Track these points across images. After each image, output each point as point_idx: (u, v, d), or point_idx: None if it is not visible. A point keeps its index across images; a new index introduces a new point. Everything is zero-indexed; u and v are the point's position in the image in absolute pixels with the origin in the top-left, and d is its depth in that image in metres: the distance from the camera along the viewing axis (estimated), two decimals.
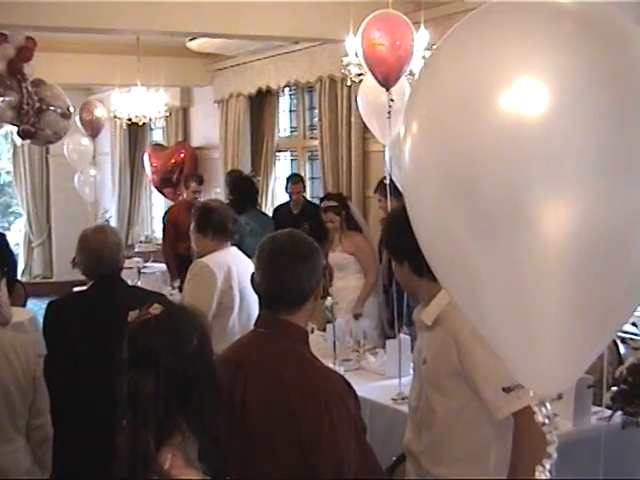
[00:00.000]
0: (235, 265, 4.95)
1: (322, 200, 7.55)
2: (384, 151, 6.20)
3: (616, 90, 1.36)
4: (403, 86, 5.41)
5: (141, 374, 2.13)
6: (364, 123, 6.27)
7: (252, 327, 4.74)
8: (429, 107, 1.50)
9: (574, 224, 1.36)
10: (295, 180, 9.12)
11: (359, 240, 7.19)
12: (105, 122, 10.84)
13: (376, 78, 5.24)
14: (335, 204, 7.23)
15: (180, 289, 6.47)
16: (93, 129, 10.98)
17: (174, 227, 9.43)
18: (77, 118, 10.94)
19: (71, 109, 8.83)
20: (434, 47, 5.10)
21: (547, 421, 1.48)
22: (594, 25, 1.40)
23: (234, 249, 5.12)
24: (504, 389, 2.76)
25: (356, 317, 6.92)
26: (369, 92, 5.81)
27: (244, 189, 8.63)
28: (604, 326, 1.50)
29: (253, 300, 4.87)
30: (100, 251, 4.00)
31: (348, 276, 7.13)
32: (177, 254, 9.13)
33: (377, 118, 5.81)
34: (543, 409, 1.49)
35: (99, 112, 10.60)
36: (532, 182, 1.36)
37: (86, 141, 11.19)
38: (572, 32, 1.37)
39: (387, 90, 5.26)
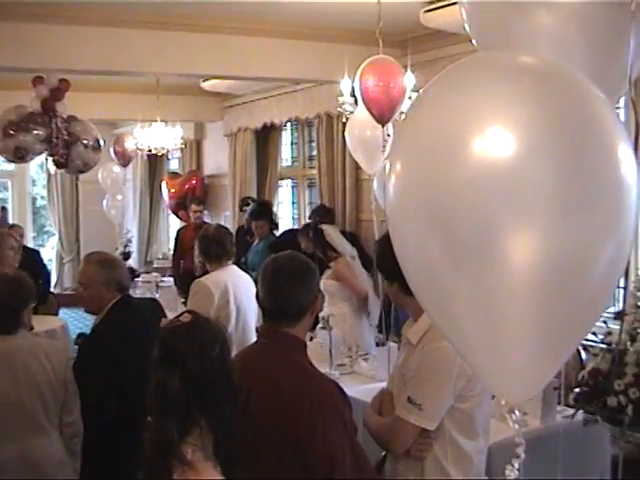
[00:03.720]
0: (232, 283, 5.00)
1: None
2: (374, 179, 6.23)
3: (572, 135, 1.38)
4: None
5: (169, 373, 2.16)
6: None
7: (248, 337, 4.84)
8: (411, 149, 1.52)
9: (537, 252, 1.38)
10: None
11: (340, 265, 6.41)
12: (134, 153, 10.88)
13: (373, 115, 5.26)
14: (307, 234, 6.70)
15: (184, 304, 6.45)
16: (124, 159, 11.07)
17: (180, 245, 9.50)
18: (111, 149, 11.01)
19: (101, 142, 8.85)
20: (420, 90, 5.14)
21: (517, 426, 1.49)
22: (550, 78, 1.42)
23: (232, 268, 5.18)
24: (410, 398, 2.81)
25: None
26: (356, 127, 5.82)
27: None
28: (566, 342, 1.51)
29: (250, 314, 4.95)
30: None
31: (337, 303, 6.35)
32: (184, 269, 9.18)
33: (362, 151, 5.83)
34: (513, 416, 1.49)
35: (129, 144, 10.64)
36: (500, 215, 1.38)
37: (117, 169, 11.27)
38: (532, 85, 1.40)
39: (382, 126, 5.29)
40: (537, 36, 1.60)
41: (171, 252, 13.64)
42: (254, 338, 4.81)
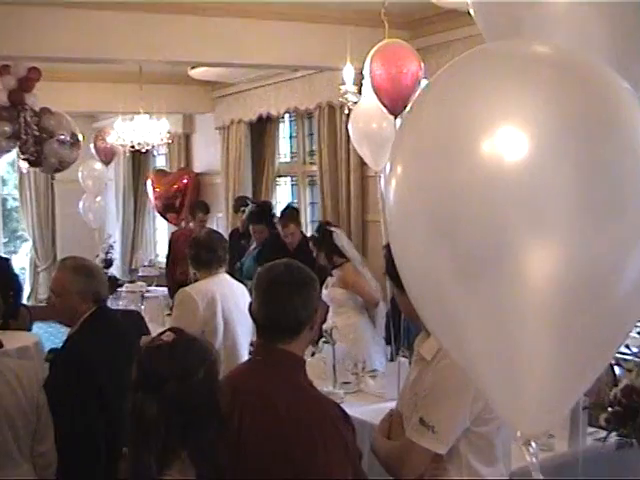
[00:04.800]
0: (220, 293, 5.00)
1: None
2: (381, 176, 6.22)
3: (593, 133, 1.37)
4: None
5: (147, 397, 2.15)
6: None
7: (237, 355, 4.83)
8: (413, 150, 1.51)
9: (557, 266, 1.37)
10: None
11: (346, 271, 6.50)
12: (118, 149, 10.89)
13: (384, 105, 5.26)
14: (315, 235, 6.75)
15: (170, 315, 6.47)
16: (107, 155, 11.07)
17: (172, 252, 9.52)
18: (91, 145, 11.00)
19: (79, 137, 8.85)
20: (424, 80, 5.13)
21: (534, 460, 1.47)
22: (570, 70, 1.41)
23: (223, 277, 5.17)
24: (422, 420, 2.80)
25: None
26: (360, 119, 5.82)
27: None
28: (590, 366, 1.50)
29: (240, 328, 4.94)
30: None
31: (347, 312, 6.48)
32: (175, 279, 9.19)
33: (368, 145, 5.82)
34: (530, 448, 1.47)
35: (112, 139, 10.63)
36: (513, 225, 1.37)
37: (99, 166, 11.25)
38: (549, 78, 1.39)
39: (395, 118, 5.29)
40: (551, 22, 1.58)
41: (158, 259, 13.69)
42: (245, 356, 4.81)
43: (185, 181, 12.21)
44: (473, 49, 1.52)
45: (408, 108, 1.57)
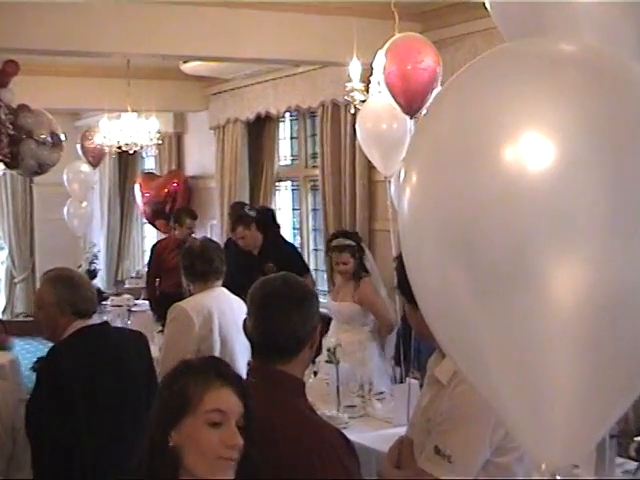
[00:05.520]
0: (217, 308, 5.00)
1: (332, 237, 7.04)
2: (391, 181, 6.22)
3: (625, 140, 1.37)
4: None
5: None
6: None
7: None
8: (430, 156, 1.52)
9: (585, 283, 1.37)
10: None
11: (370, 288, 6.66)
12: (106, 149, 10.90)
13: (399, 105, 5.27)
14: (353, 243, 6.74)
15: (162, 332, 6.44)
16: (95, 157, 11.08)
17: (158, 264, 9.52)
18: (78, 145, 11.01)
19: (62, 137, 8.85)
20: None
21: None
22: (600, 71, 1.41)
23: (220, 290, 5.16)
24: (437, 448, 2.79)
25: None
26: (368, 119, 5.83)
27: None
28: (621, 390, 1.50)
29: (239, 346, 4.92)
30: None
31: (355, 329, 6.58)
32: (161, 291, 9.20)
33: (377, 147, 5.82)
34: None
35: (100, 139, 10.64)
36: (538, 239, 1.37)
37: (86, 168, 11.27)
38: (577, 80, 1.38)
39: (411, 118, 5.29)
40: (576, 21, 1.58)
41: (146, 269, 13.69)
42: (243, 377, 4.79)
43: (176, 185, 12.21)
44: (494, 48, 1.53)
45: (424, 111, 1.57)
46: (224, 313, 4.98)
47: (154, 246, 10.32)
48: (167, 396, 2.29)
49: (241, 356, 4.98)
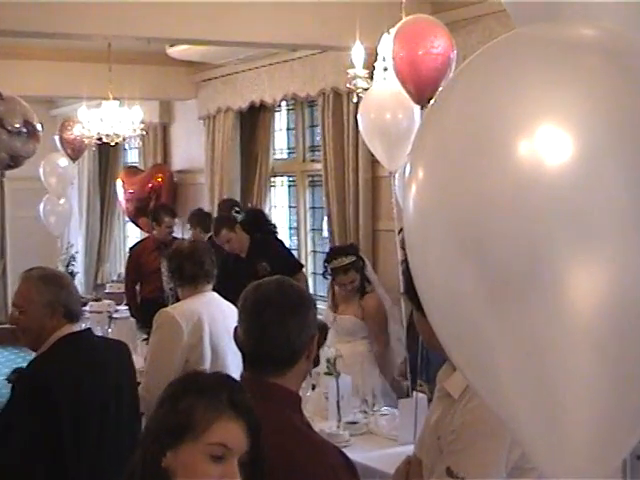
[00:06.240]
0: (207, 315, 5.01)
1: (331, 258, 7.01)
2: (396, 177, 6.23)
3: None
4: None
5: None
6: None
7: None
8: (438, 150, 1.53)
9: (604, 286, 1.37)
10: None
11: (375, 302, 6.87)
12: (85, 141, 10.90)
13: (409, 92, 5.28)
14: (354, 258, 6.86)
15: (147, 341, 6.44)
16: (75, 149, 11.09)
17: (137, 267, 9.56)
18: (56, 136, 11.00)
19: (38, 127, 8.84)
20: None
21: None
22: (622, 58, 1.42)
23: (210, 295, 5.17)
24: (450, 470, 2.79)
25: None
26: (372, 109, 5.83)
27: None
28: None
29: (231, 356, 4.91)
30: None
31: (356, 341, 6.79)
32: (143, 297, 9.23)
33: (381, 140, 5.83)
34: None
35: (79, 130, 10.63)
36: (554, 239, 1.37)
37: (65, 162, 11.25)
38: (597, 67, 1.39)
39: (421, 108, 5.31)
40: (593, 7, 1.59)
41: (125, 275, 13.71)
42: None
43: (161, 180, 12.22)
44: (508, 34, 1.54)
45: (432, 101, 1.58)
46: (215, 320, 4.98)
47: (131, 249, 10.42)
48: (169, 412, 2.25)
49: (234, 367, 4.96)
